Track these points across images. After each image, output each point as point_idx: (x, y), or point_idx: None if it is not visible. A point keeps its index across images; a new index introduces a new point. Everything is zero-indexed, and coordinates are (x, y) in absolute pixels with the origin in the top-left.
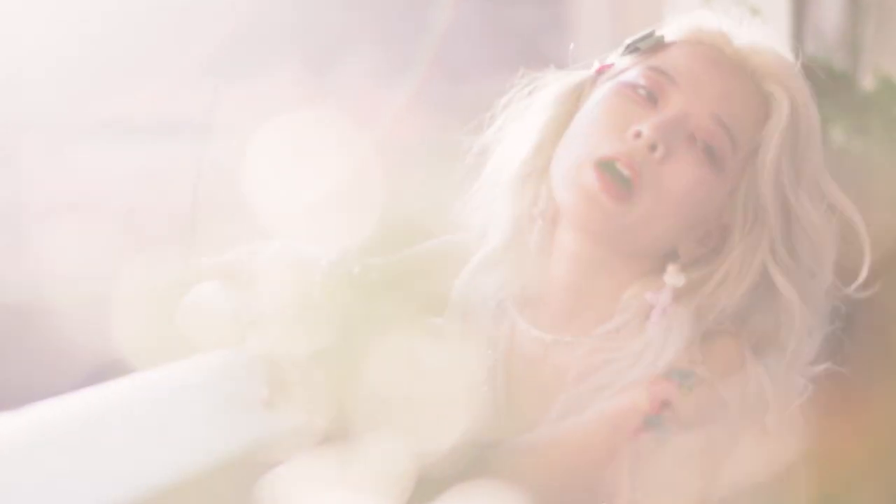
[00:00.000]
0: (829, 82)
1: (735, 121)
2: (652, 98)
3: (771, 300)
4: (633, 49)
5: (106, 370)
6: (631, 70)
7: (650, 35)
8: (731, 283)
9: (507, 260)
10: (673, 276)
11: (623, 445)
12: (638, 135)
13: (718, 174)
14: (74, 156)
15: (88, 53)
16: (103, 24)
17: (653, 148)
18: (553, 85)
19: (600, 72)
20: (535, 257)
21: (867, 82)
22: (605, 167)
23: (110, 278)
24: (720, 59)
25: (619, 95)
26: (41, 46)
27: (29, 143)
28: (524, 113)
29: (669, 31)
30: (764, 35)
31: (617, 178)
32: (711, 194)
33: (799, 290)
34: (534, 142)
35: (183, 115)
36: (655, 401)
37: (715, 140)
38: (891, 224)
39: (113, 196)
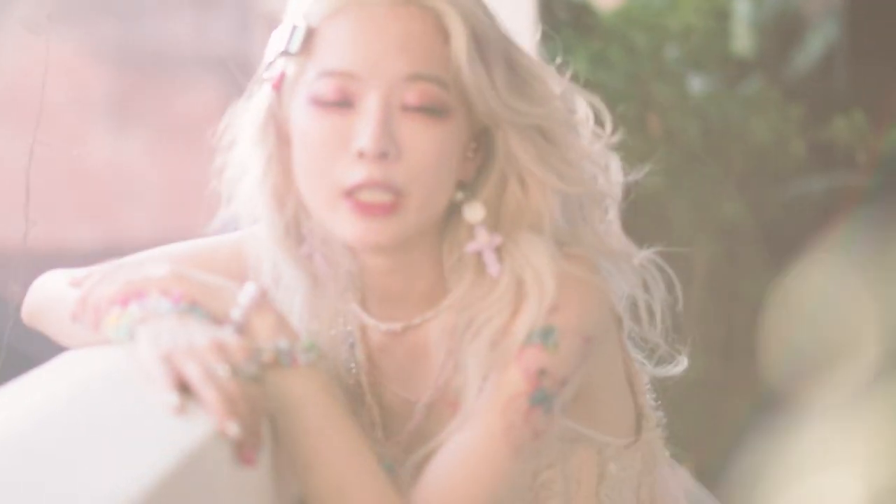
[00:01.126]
0: (568, 13)
1: (428, 64)
2: (347, 103)
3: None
4: (287, 53)
5: None
6: (307, 80)
7: (294, 31)
8: (533, 187)
9: (321, 293)
10: (471, 211)
11: (522, 435)
12: (362, 154)
13: (447, 118)
14: None
15: None
16: None
17: (384, 156)
18: (245, 130)
19: (277, 88)
20: (341, 275)
21: (602, 10)
22: (357, 194)
23: None
24: (373, 13)
25: (317, 117)
26: None
27: None
28: (239, 175)
29: (306, 13)
30: None
31: (373, 198)
32: (453, 137)
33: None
34: (269, 199)
35: None
36: (530, 374)
37: (424, 98)
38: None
39: None
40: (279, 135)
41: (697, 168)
